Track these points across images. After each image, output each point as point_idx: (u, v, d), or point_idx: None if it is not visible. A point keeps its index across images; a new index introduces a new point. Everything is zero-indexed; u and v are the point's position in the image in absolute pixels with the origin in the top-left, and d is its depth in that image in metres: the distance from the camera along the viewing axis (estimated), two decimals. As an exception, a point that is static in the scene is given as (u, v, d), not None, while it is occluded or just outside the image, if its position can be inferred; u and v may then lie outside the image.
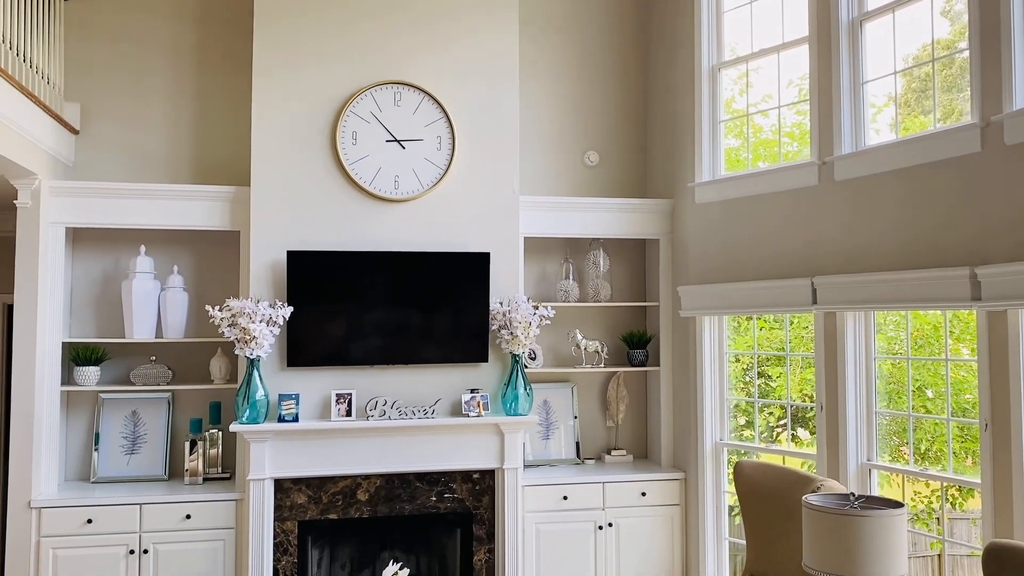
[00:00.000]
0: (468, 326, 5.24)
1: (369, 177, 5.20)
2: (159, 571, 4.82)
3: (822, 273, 4.60)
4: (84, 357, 5.12)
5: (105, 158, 5.41)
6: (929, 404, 5.58)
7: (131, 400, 5.31)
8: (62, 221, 5.02)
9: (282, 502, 4.95)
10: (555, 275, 5.92)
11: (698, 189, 5.48)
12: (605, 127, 6.11)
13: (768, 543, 3.95)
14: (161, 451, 5.31)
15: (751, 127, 5.51)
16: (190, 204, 5.16)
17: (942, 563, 6.36)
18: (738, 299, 5.11)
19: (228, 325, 4.81)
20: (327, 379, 5.09)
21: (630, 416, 6.02)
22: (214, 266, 5.45)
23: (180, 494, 4.94)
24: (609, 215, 5.73)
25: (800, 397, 5.61)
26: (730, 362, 5.53)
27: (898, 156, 4.24)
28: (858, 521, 2.95)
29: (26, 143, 4.56)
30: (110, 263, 5.36)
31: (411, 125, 5.27)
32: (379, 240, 5.20)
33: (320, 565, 5.15)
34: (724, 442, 5.38)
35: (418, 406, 5.08)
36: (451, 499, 5.15)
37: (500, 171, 5.39)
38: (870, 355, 4.50)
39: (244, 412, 4.84)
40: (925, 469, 4.59)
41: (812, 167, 4.73)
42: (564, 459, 5.79)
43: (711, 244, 5.41)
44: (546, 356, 5.85)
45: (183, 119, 5.53)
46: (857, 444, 4.50)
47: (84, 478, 5.25)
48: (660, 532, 5.46)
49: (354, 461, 5.00)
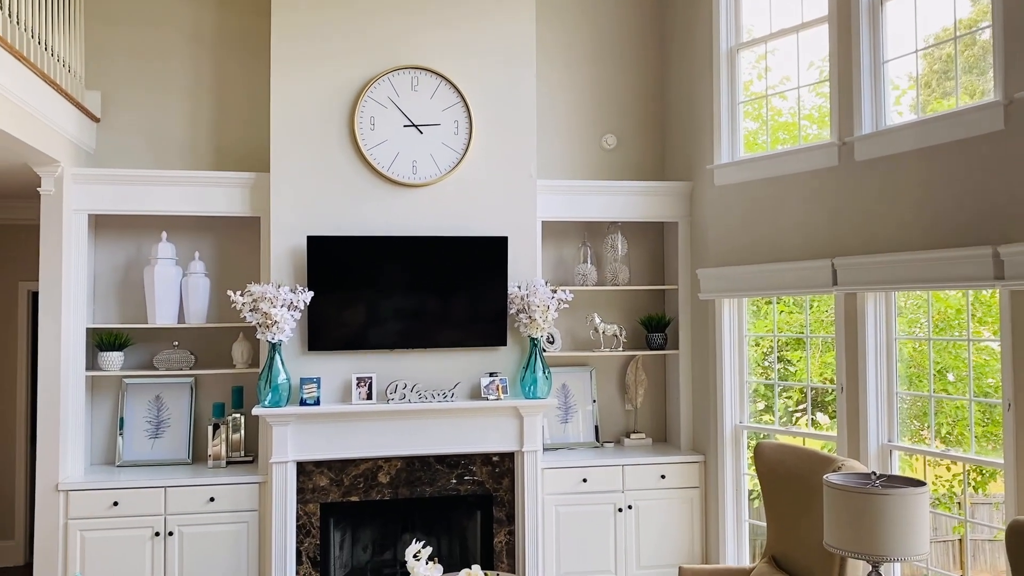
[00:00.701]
0: (486, 310, 5.25)
1: (387, 162, 5.22)
2: (184, 553, 4.89)
3: (842, 254, 4.58)
4: (108, 342, 5.18)
5: (126, 146, 5.46)
6: (950, 388, 5.54)
7: (154, 385, 5.37)
8: (85, 208, 5.08)
9: (304, 485, 5.00)
10: (573, 259, 5.92)
11: (717, 171, 5.46)
12: (622, 110, 6.09)
13: (789, 524, 3.95)
14: (184, 435, 5.37)
15: (769, 110, 5.47)
16: (210, 190, 5.20)
17: (964, 548, 6.33)
18: (758, 281, 5.10)
19: (250, 310, 4.86)
20: (347, 363, 5.13)
21: (649, 400, 6.02)
22: (235, 252, 5.49)
23: (204, 477, 5.00)
24: (627, 198, 5.72)
25: (820, 381, 5.59)
26: (749, 346, 5.52)
27: (920, 135, 4.20)
28: (880, 499, 2.95)
29: (48, 131, 4.60)
30: (132, 249, 5.41)
31: (428, 110, 5.28)
32: (398, 225, 5.22)
33: (342, 547, 5.20)
34: (744, 425, 5.38)
35: (437, 390, 5.11)
36: (471, 482, 5.18)
37: (517, 155, 5.39)
38: (891, 336, 4.48)
39: (266, 396, 4.89)
40: (947, 450, 4.56)
41: (832, 148, 4.70)
42: (583, 442, 5.80)
43: (730, 226, 5.39)
44: (564, 340, 5.86)
45: (202, 106, 5.56)
46: (878, 425, 4.48)
47: (109, 462, 5.33)
48: (680, 515, 5.47)
49: (375, 444, 5.04)
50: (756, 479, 5.39)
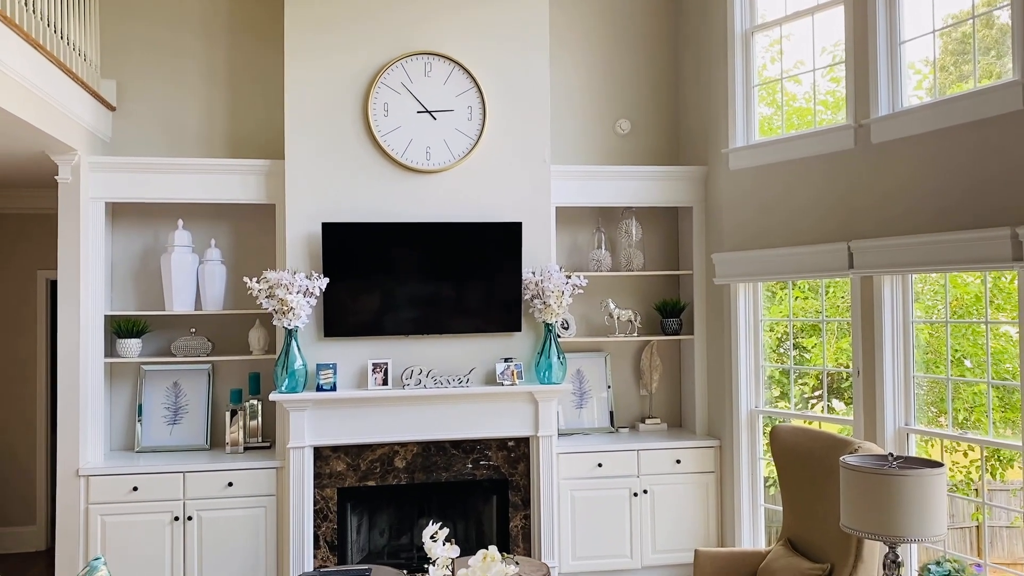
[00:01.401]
0: (501, 296, 5.26)
1: (401, 148, 5.23)
2: (203, 537, 4.94)
3: (859, 237, 4.55)
4: (126, 329, 5.23)
5: (141, 134, 5.49)
6: (967, 374, 5.50)
7: (172, 372, 5.42)
8: (102, 196, 5.11)
9: (321, 470, 5.03)
10: (587, 245, 5.92)
11: (732, 155, 5.43)
12: (636, 95, 6.07)
13: (805, 507, 3.95)
14: (202, 421, 5.41)
15: (784, 95, 5.44)
16: (226, 178, 5.22)
17: (981, 535, 6.30)
18: (773, 265, 5.08)
19: (266, 296, 4.89)
20: (363, 349, 5.15)
21: (664, 385, 6.02)
22: (250, 239, 5.52)
23: (222, 462, 5.04)
24: (641, 183, 5.70)
25: (836, 365, 5.56)
26: (764, 331, 5.50)
27: (937, 116, 4.17)
28: (897, 480, 2.94)
29: (65, 119, 4.63)
30: (149, 237, 5.45)
31: (442, 95, 5.28)
32: (412, 211, 5.23)
33: (359, 531, 5.24)
34: (759, 409, 5.37)
35: (453, 375, 5.13)
36: (487, 466, 5.20)
37: (531, 140, 5.38)
38: (908, 319, 4.45)
39: (283, 381, 4.92)
40: (964, 433, 4.54)
41: (848, 130, 4.67)
42: (598, 428, 5.81)
43: (745, 210, 5.37)
44: (579, 326, 5.86)
45: (217, 94, 5.58)
46: (895, 409, 4.46)
47: (128, 448, 5.38)
48: (695, 499, 5.47)
49: (391, 429, 5.07)
50: (771, 464, 5.39)
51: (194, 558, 4.92)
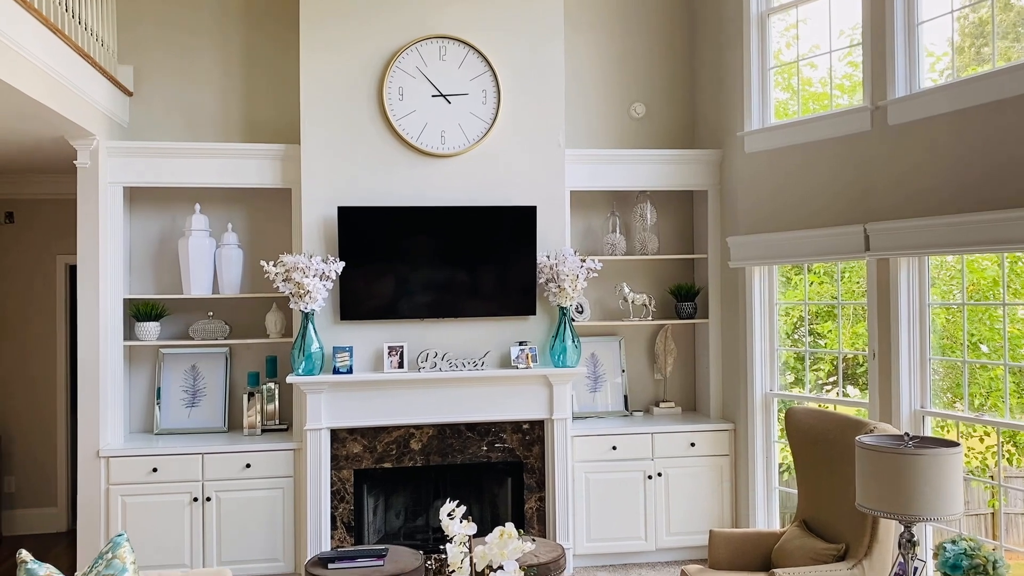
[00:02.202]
0: (515, 279, 5.28)
1: (416, 132, 5.24)
2: (222, 517, 5.00)
3: (875, 220, 4.54)
4: (144, 313, 5.28)
5: (158, 119, 5.52)
6: (986, 358, 5.47)
7: (190, 355, 5.47)
8: (120, 181, 5.16)
9: (338, 451, 5.08)
10: (601, 229, 5.92)
11: (747, 138, 5.41)
12: (651, 78, 6.05)
13: (820, 488, 3.96)
14: (220, 404, 5.47)
15: (800, 80, 5.40)
16: (242, 162, 5.25)
17: (996, 522, 6.28)
18: (789, 248, 5.07)
19: (283, 280, 4.92)
20: (379, 332, 5.19)
21: (678, 369, 6.03)
22: (267, 224, 5.56)
23: (240, 444, 5.09)
24: (656, 167, 5.69)
25: (851, 350, 5.55)
26: (780, 316, 5.49)
27: (955, 97, 4.14)
28: (913, 459, 2.94)
29: (84, 104, 4.67)
30: (166, 222, 5.49)
31: (456, 79, 5.28)
32: (427, 195, 5.24)
33: (375, 513, 5.29)
34: (774, 392, 5.37)
35: (468, 358, 5.15)
36: (501, 449, 5.23)
37: (545, 124, 5.38)
38: (924, 301, 4.44)
39: (300, 364, 4.96)
40: (980, 415, 4.53)
41: (865, 112, 4.64)
42: (612, 411, 5.83)
43: (761, 194, 5.36)
44: (593, 310, 5.87)
45: (233, 79, 5.60)
46: (910, 391, 4.46)
47: (147, 430, 5.44)
48: (709, 482, 5.49)
49: (407, 412, 5.10)
50: (785, 449, 5.39)
51: (213, 538, 4.98)
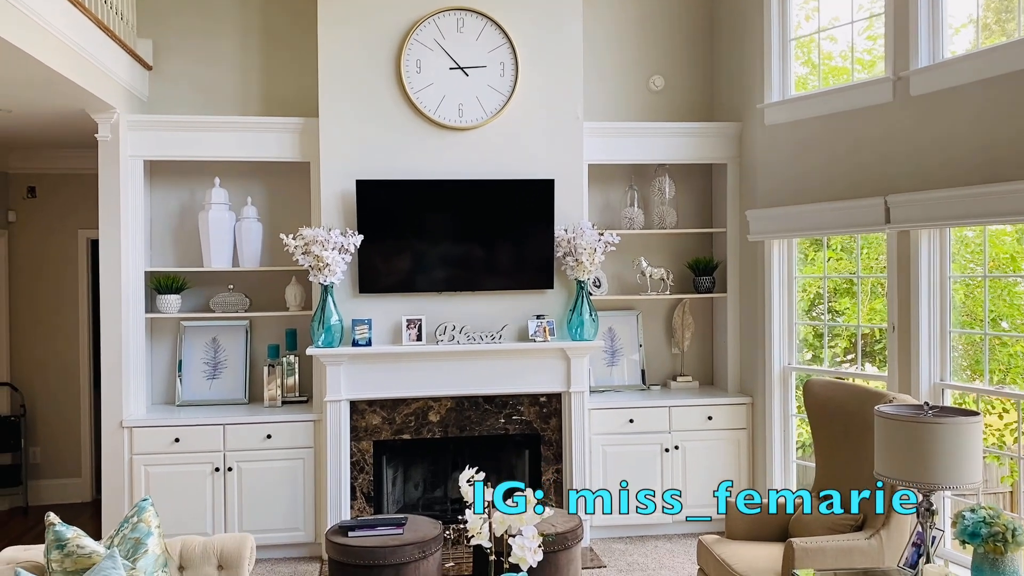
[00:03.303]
0: (533, 253, 5.28)
1: (433, 105, 5.23)
2: (243, 487, 5.07)
3: (896, 192, 4.50)
4: (165, 286, 5.33)
5: (177, 93, 5.55)
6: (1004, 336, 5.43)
7: (211, 328, 5.53)
8: (140, 154, 5.19)
9: (357, 423, 5.12)
10: (619, 203, 5.90)
11: (768, 110, 5.37)
12: (670, 50, 6.01)
13: (837, 459, 3.96)
14: (241, 376, 5.53)
15: (820, 54, 5.34)
16: (261, 136, 5.27)
17: (1015, 500, 6.25)
18: (809, 221, 5.04)
19: (302, 253, 4.95)
20: (397, 305, 5.22)
21: (696, 343, 6.03)
22: (286, 197, 5.59)
23: (260, 415, 5.15)
24: (675, 140, 5.66)
25: (869, 329, 5.53)
26: (798, 291, 5.47)
27: (978, 67, 4.09)
28: (932, 428, 2.94)
29: (104, 77, 4.70)
30: (186, 195, 5.53)
31: (474, 52, 5.26)
32: (445, 168, 5.25)
33: (394, 483, 5.34)
34: (792, 366, 5.37)
35: (486, 332, 5.17)
36: (519, 421, 5.27)
37: (563, 97, 5.36)
38: (945, 274, 4.41)
39: (320, 336, 5.00)
40: (1001, 387, 4.51)
41: (886, 83, 4.59)
42: (629, 385, 5.84)
43: (781, 166, 5.32)
44: (611, 284, 5.87)
45: (251, 53, 5.61)
46: (930, 364, 4.44)
47: (169, 402, 5.52)
48: (727, 455, 5.50)
49: (425, 384, 5.14)
50: (803, 424, 5.39)
51: (235, 507, 5.05)
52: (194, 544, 3.24)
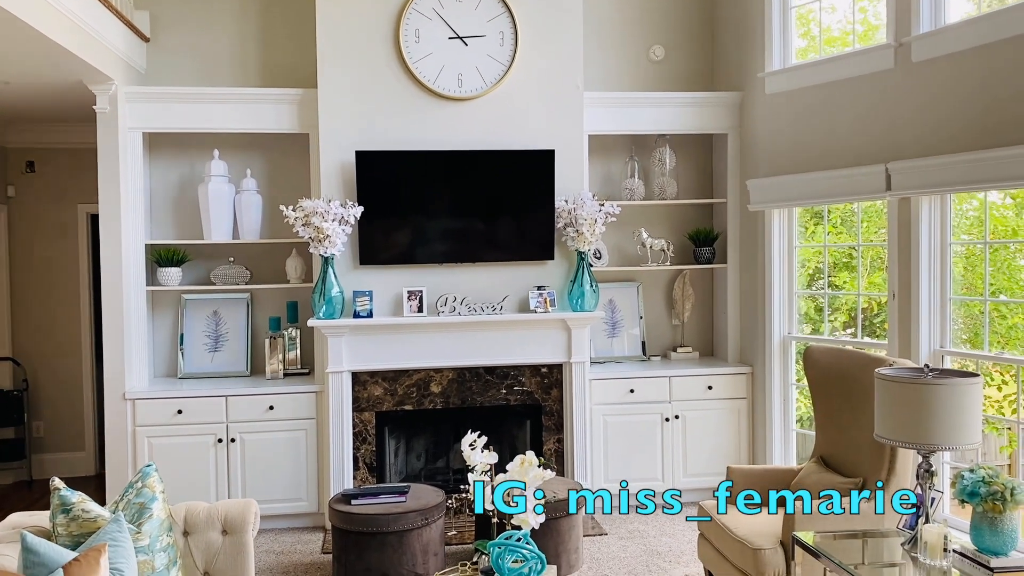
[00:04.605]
0: (534, 224, 5.27)
1: (433, 75, 5.21)
2: (246, 458, 5.09)
3: (897, 159, 4.49)
4: (166, 258, 5.33)
5: (175, 66, 5.52)
6: (1003, 308, 5.44)
7: (212, 300, 5.53)
8: (139, 126, 5.18)
9: (359, 394, 5.14)
10: (620, 174, 5.89)
11: (768, 79, 5.35)
12: (670, 20, 5.96)
13: (838, 425, 3.98)
14: (242, 348, 5.54)
15: (820, 28, 5.30)
16: (260, 107, 5.25)
17: (1013, 471, 6.28)
18: (809, 190, 5.03)
19: (302, 224, 4.94)
20: (398, 277, 5.22)
21: (696, 314, 6.03)
22: (285, 170, 5.57)
23: (263, 387, 5.17)
24: (675, 110, 5.64)
25: (867, 301, 5.53)
26: (797, 266, 5.46)
27: (980, 32, 4.06)
28: (932, 389, 2.95)
29: (102, 48, 4.67)
30: (185, 168, 5.52)
31: (473, 21, 5.23)
32: (445, 139, 5.23)
33: (397, 454, 5.37)
34: (792, 336, 5.38)
35: (486, 303, 5.18)
36: (520, 392, 5.28)
37: (563, 67, 5.33)
38: (945, 241, 4.41)
39: (321, 308, 5.01)
40: (1001, 353, 4.52)
41: (888, 50, 4.57)
42: (629, 356, 5.86)
43: (782, 136, 5.31)
44: (611, 255, 5.87)
45: (249, 25, 5.58)
46: (930, 332, 4.45)
47: (171, 375, 5.53)
48: (727, 424, 5.53)
49: (427, 355, 5.15)
50: (803, 393, 5.40)
51: (238, 478, 5.08)
52: (198, 509, 3.25)
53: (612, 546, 4.84)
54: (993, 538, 2.87)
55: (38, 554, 2.53)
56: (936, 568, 2.93)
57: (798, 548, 3.28)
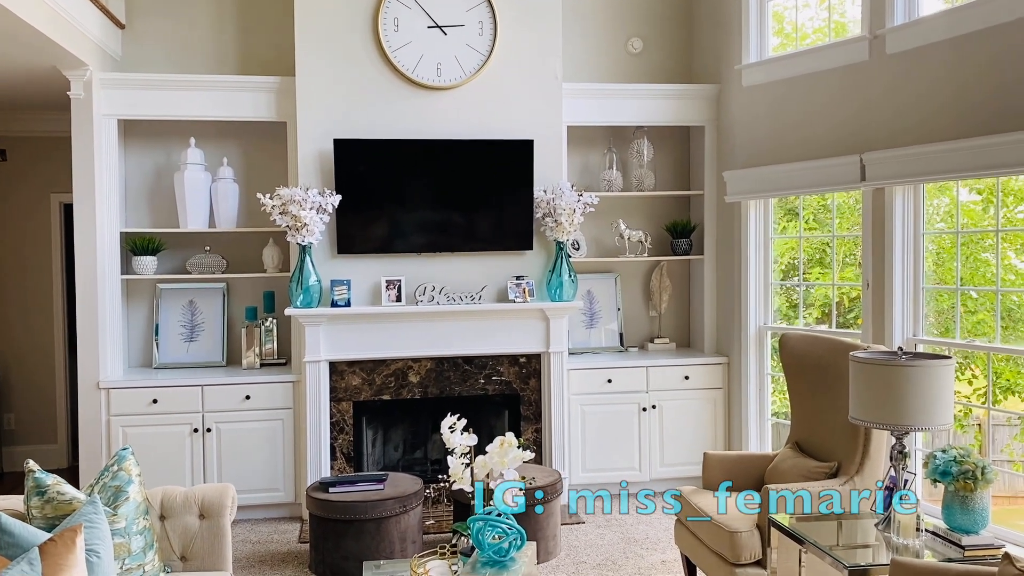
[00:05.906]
0: (512, 214, 5.28)
1: (411, 64, 5.20)
2: (222, 448, 5.06)
3: (872, 149, 4.55)
4: (141, 247, 5.28)
5: (151, 53, 5.46)
6: (971, 303, 5.52)
7: (187, 290, 5.48)
8: (114, 113, 5.12)
9: (337, 384, 5.12)
10: (598, 166, 5.91)
11: (745, 71, 5.40)
12: (649, 12, 6.00)
13: (813, 411, 4.02)
14: (218, 338, 5.50)
15: (794, 28, 5.36)
16: (237, 95, 5.22)
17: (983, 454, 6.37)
18: (785, 181, 5.08)
19: (279, 213, 4.91)
20: (376, 266, 5.20)
21: (673, 305, 6.07)
22: (262, 158, 5.53)
23: (239, 377, 5.14)
24: (654, 102, 5.67)
25: (840, 296, 5.59)
26: (774, 253, 5.52)
27: (954, 23, 4.13)
28: (905, 371, 2.99)
29: (77, 32, 4.61)
30: (161, 156, 5.47)
31: (452, 10, 5.23)
32: (424, 128, 5.22)
33: (375, 444, 5.36)
34: (768, 325, 5.43)
35: (465, 292, 5.18)
36: (499, 382, 5.29)
37: (542, 57, 5.34)
38: (918, 231, 4.48)
39: (298, 297, 4.98)
40: (972, 340, 4.60)
41: (863, 42, 4.63)
42: (607, 347, 5.89)
43: (758, 128, 5.36)
44: (589, 246, 5.89)
45: (226, 11, 5.53)
46: (903, 320, 4.51)
47: (146, 365, 5.48)
48: (703, 414, 5.57)
49: (405, 344, 5.14)
50: (778, 383, 5.46)
51: (214, 467, 5.05)
52: (175, 494, 3.23)
53: (590, 534, 4.86)
54: (964, 517, 2.92)
55: (12, 535, 2.51)
56: (909, 547, 2.97)
57: (774, 530, 3.32)
